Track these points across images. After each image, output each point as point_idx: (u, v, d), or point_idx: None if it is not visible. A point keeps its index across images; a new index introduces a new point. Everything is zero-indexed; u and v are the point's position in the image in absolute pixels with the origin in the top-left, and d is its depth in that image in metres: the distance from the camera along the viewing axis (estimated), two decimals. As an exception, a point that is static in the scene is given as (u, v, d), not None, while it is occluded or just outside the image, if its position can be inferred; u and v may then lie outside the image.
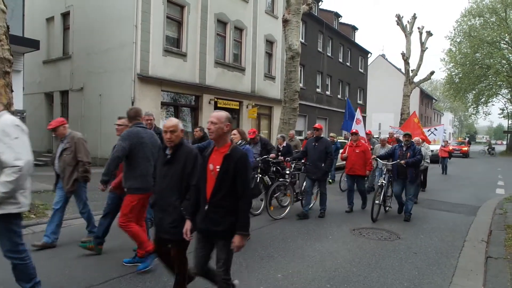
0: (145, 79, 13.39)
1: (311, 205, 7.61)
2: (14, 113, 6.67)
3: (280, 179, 7.47)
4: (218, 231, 2.85)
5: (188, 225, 3.03)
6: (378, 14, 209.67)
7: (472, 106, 41.55)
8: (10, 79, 6.39)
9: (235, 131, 5.58)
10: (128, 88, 13.26)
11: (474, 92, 38.80)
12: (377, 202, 7.06)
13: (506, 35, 33.08)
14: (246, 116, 18.28)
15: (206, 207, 2.85)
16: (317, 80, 26.32)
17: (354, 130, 8.73)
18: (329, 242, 5.64)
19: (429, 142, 12.62)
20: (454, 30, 37.90)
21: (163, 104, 14.51)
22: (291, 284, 4.00)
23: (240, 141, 5.50)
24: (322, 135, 7.51)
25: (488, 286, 3.95)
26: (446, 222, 7.22)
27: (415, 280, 4.23)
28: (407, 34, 26.14)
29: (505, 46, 34.93)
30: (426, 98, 55.34)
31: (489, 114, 45.00)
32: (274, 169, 7.91)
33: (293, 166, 7.63)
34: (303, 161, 7.85)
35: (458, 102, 46.61)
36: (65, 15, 16.05)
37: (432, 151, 20.45)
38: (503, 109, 44.52)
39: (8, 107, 6.27)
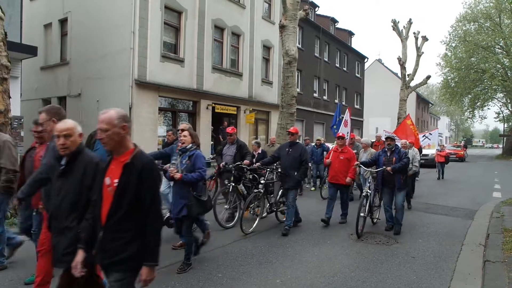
0: (143, 84, 13.41)
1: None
2: (12, 119, 6.67)
3: (255, 189, 6.65)
4: (115, 262, 2.23)
5: (79, 256, 2.39)
6: (374, 19, 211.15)
7: (468, 110, 41.77)
8: (7, 86, 6.40)
9: (186, 133, 4.59)
10: (126, 94, 13.27)
11: (470, 96, 39.04)
12: (362, 214, 6.26)
13: (501, 39, 33.35)
14: (243, 121, 18.31)
15: (101, 234, 2.27)
16: (314, 85, 26.42)
17: (340, 134, 7.75)
18: (327, 247, 5.64)
19: (417, 147, 12.25)
20: (450, 35, 38.24)
21: (160, 109, 14.51)
22: (290, 290, 4.00)
23: (190, 145, 4.51)
24: (298, 140, 6.89)
25: (486, 290, 3.97)
26: (443, 226, 7.25)
27: (414, 285, 4.24)
28: (403, 39, 26.32)
29: (499, 50, 35.22)
30: (422, 102, 55.60)
31: (485, 118, 45.27)
32: (251, 177, 7.19)
33: (266, 173, 6.73)
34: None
35: (454, 106, 46.86)
36: (63, 22, 16.07)
37: (427, 155, 19.88)
38: (498, 113, 44.82)
39: (5, 113, 6.27)
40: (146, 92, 13.62)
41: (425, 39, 27.00)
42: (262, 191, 6.45)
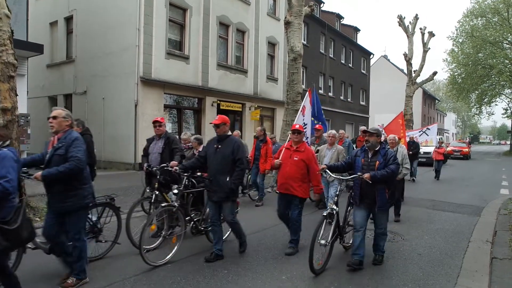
0: (148, 82, 13.45)
1: (226, 236, 5.30)
2: (19, 117, 6.72)
3: (166, 203, 4.83)
4: None
5: None
6: (380, 15, 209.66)
7: (475, 106, 41.37)
8: (14, 83, 6.44)
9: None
10: (131, 91, 13.32)
11: (477, 92, 38.64)
12: (322, 242, 4.24)
13: (509, 34, 32.94)
14: (249, 118, 18.30)
15: None
16: (320, 81, 26.32)
17: (296, 126, 5.38)
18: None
19: (405, 144, 11.59)
20: (457, 30, 37.81)
21: (166, 107, 14.55)
22: (296, 286, 4.00)
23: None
24: (230, 133, 4.98)
25: (493, 287, 3.93)
26: (450, 222, 7.19)
27: (420, 281, 4.22)
28: (409, 35, 26.09)
29: (507, 46, 34.79)
30: (428, 98, 55.21)
31: (492, 114, 44.75)
32: (187, 183, 5.14)
33: (184, 180, 4.94)
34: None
35: (461, 103, 46.47)
36: (68, 19, 16.15)
37: (429, 153, 17.79)
38: (506, 109, 44.31)
39: (12, 111, 6.32)
40: (151, 89, 13.66)
41: (431, 34, 26.76)
42: (176, 204, 4.66)
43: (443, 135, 57.60)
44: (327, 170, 4.76)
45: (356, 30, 33.42)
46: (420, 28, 26.69)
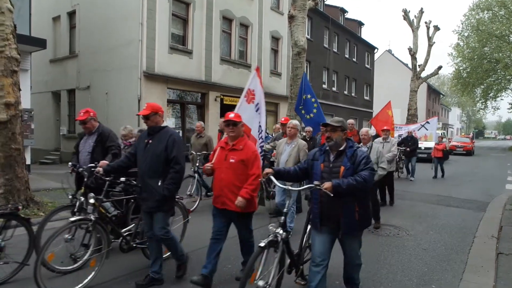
0: (151, 76, 13.42)
1: (164, 258, 4.11)
2: (22, 112, 6.72)
3: (80, 216, 3.80)
4: None
5: None
6: (384, 9, 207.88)
7: (480, 101, 41.01)
8: (17, 78, 6.44)
9: None
10: (135, 86, 13.30)
11: (482, 86, 38.28)
12: (260, 284, 2.99)
13: (515, 28, 32.57)
14: (252, 113, 18.25)
15: None
16: (323, 76, 26.19)
17: (230, 115, 3.82)
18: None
19: (393, 136, 10.92)
20: (462, 24, 37.50)
21: (169, 101, 14.53)
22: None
23: None
24: (165, 124, 3.94)
25: (499, 282, 3.90)
26: (455, 218, 7.15)
27: (425, 277, 4.19)
28: (414, 29, 25.87)
29: (514, 39, 34.41)
30: (433, 93, 54.84)
31: (498, 108, 44.33)
32: (119, 189, 4.44)
33: (106, 186, 3.95)
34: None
35: (466, 97, 46.06)
36: (71, 14, 16.12)
37: (430, 149, 15.29)
38: (512, 104, 43.92)
39: (16, 105, 6.32)
40: (154, 84, 13.64)
41: (436, 28, 26.53)
42: (92, 217, 3.66)
43: (447, 130, 57.29)
44: (272, 177, 3.28)
45: (360, 24, 33.16)
46: (425, 22, 26.46)
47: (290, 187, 3.55)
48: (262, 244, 3.04)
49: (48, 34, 15.86)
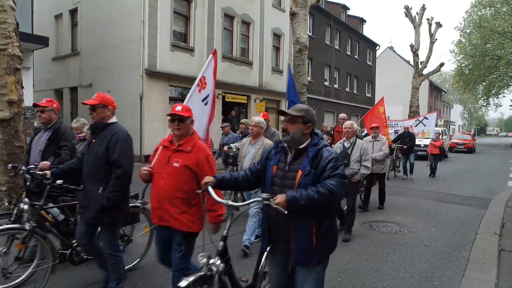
0: (153, 74, 13.43)
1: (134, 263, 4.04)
2: (25, 109, 6.74)
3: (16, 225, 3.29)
4: None
5: None
6: (386, 6, 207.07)
7: (482, 98, 40.86)
8: (20, 76, 6.46)
9: None
10: (136, 84, 13.31)
11: (484, 83, 38.13)
12: None
13: (518, 25, 32.39)
14: (254, 110, 18.25)
15: None
16: (325, 73, 26.15)
17: (177, 108, 3.00)
18: (339, 235, 5.62)
19: (386, 135, 10.23)
20: (464, 21, 37.21)
21: (171, 99, 14.54)
22: None
23: None
24: (114, 120, 3.32)
25: (501, 279, 3.91)
26: (457, 215, 7.15)
27: (427, 274, 4.20)
28: (416, 26, 25.78)
29: (516, 36, 34.25)
30: (435, 90, 54.67)
31: (500, 106, 44.21)
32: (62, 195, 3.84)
33: (45, 192, 3.40)
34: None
35: (468, 94, 45.89)
36: (73, 12, 16.13)
37: (426, 146, 14.55)
38: (514, 101, 43.74)
39: (19, 103, 6.34)
40: (156, 81, 13.65)
41: (438, 25, 26.43)
42: (27, 227, 3.19)
43: (449, 127, 57.14)
44: (210, 189, 2.41)
45: (362, 21, 33.06)
46: (427, 19, 26.36)
47: (229, 202, 2.39)
48: (182, 284, 2.04)
49: (50, 32, 15.88)
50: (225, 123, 8.17)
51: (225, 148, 6.82)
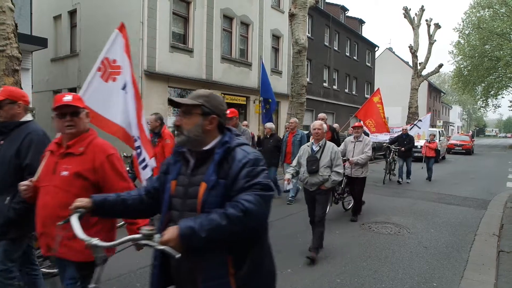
0: (152, 75, 13.43)
1: None
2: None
3: None
4: None
5: None
6: (385, 7, 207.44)
7: (481, 99, 40.96)
8: (19, 77, 6.44)
9: None
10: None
11: (483, 84, 38.23)
12: None
13: (517, 26, 32.46)
14: (253, 111, 18.25)
15: None
16: (324, 74, 26.16)
17: (64, 97, 2.23)
18: (338, 237, 5.62)
19: (380, 131, 10.14)
20: (463, 22, 37.32)
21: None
22: (301, 279, 4.00)
23: None
24: (28, 118, 2.82)
25: (500, 280, 3.91)
26: (456, 216, 7.15)
27: (426, 275, 4.20)
28: (415, 27, 25.83)
29: (515, 37, 34.31)
30: (434, 91, 54.73)
31: (498, 106, 44.30)
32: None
33: None
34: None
35: (466, 95, 45.98)
36: (72, 13, 16.12)
37: (420, 147, 13.97)
38: (513, 102, 43.79)
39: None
40: (155, 83, 13.65)
41: (437, 26, 26.50)
42: None
43: (447, 128, 57.16)
44: (73, 220, 1.70)
45: (361, 22, 33.12)
46: (426, 20, 26.43)
47: (98, 242, 1.59)
48: None
49: (49, 33, 15.86)
50: None
51: None
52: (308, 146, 4.91)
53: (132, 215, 2.01)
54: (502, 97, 41.12)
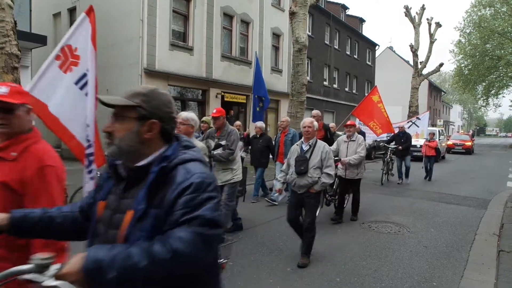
0: (152, 73, 13.40)
1: None
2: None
3: None
4: None
5: None
6: (385, 5, 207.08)
7: (481, 98, 40.92)
8: (18, 75, 6.41)
9: None
10: (135, 83, 13.26)
11: (484, 84, 38.19)
12: None
13: (518, 25, 32.40)
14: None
15: None
16: (324, 73, 26.13)
17: (3, 90, 1.71)
18: (338, 236, 5.61)
19: (386, 131, 9.93)
20: (464, 20, 37.28)
21: (170, 98, 14.52)
22: (301, 278, 3.99)
23: None
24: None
25: (500, 280, 3.89)
26: (456, 215, 7.14)
27: (426, 274, 4.19)
28: (416, 26, 25.78)
29: (516, 36, 34.25)
30: (434, 90, 54.68)
31: (499, 106, 44.34)
32: None
33: None
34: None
35: (467, 94, 45.94)
36: (72, 11, 16.09)
37: (419, 146, 13.74)
38: (513, 101, 43.79)
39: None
40: (155, 81, 13.60)
41: (438, 25, 26.45)
42: None
43: (448, 127, 57.12)
44: None
45: (362, 21, 33.06)
46: (427, 19, 26.37)
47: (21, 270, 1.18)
48: None
49: (49, 31, 15.83)
50: None
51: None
52: (297, 145, 4.63)
53: (62, 237, 1.54)
54: (503, 97, 41.09)
